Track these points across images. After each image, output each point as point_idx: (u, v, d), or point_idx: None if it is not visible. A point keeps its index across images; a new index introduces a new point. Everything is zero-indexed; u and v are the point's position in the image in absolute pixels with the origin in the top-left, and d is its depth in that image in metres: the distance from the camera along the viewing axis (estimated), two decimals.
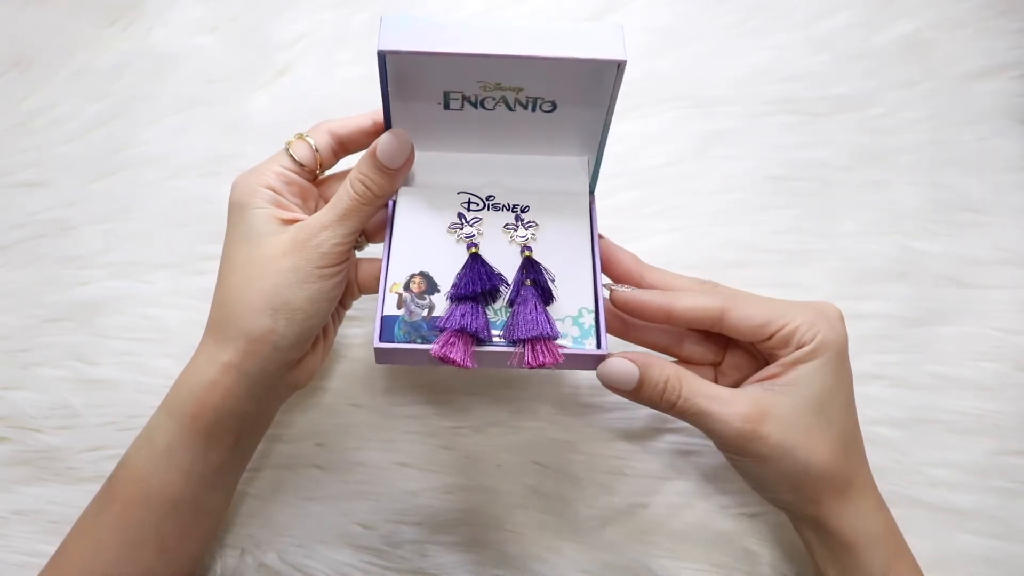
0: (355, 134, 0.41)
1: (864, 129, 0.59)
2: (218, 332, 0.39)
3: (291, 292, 0.37)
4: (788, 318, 0.38)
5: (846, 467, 0.38)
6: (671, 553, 0.48)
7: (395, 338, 0.37)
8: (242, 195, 0.39)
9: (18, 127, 0.61)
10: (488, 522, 0.49)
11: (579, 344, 0.38)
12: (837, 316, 0.39)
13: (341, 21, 0.63)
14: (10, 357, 0.54)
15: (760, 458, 0.37)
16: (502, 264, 0.39)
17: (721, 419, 0.37)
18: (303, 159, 0.40)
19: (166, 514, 0.39)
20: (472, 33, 0.34)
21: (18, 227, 0.57)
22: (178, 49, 0.62)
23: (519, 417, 0.51)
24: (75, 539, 0.40)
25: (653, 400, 0.38)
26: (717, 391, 0.38)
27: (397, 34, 0.34)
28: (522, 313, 0.37)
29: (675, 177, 0.58)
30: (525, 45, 0.34)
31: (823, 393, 0.37)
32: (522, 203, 0.41)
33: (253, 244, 0.38)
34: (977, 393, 0.52)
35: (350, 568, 0.48)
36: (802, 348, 0.37)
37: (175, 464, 0.39)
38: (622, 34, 0.35)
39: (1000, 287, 0.55)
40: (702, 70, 0.61)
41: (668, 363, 0.38)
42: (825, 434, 0.37)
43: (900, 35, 0.61)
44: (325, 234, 0.37)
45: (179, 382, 0.40)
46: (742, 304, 0.39)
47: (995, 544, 0.48)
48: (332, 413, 0.52)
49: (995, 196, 0.57)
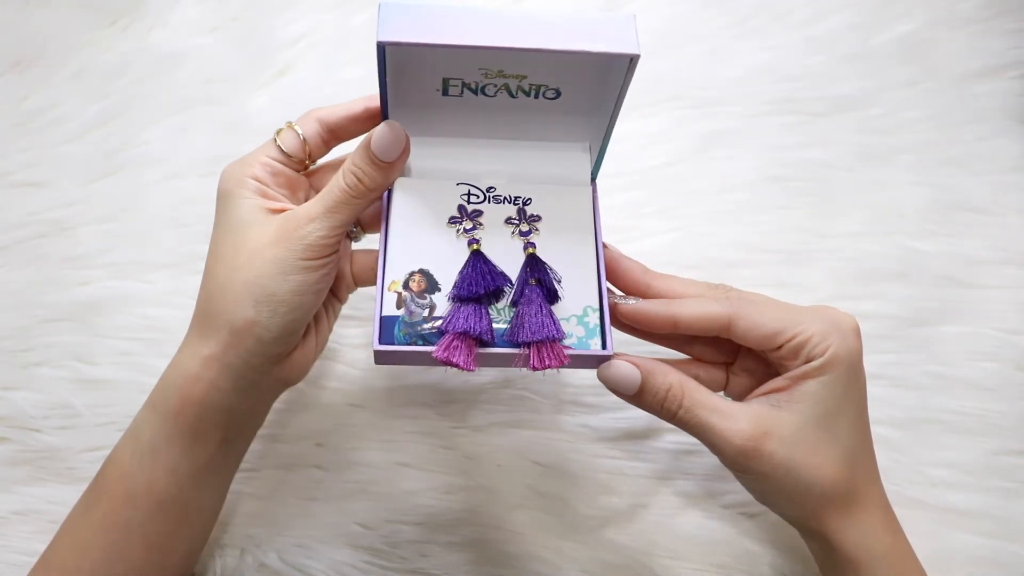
0: (345, 122, 0.40)
1: (864, 129, 0.59)
2: (202, 325, 0.38)
3: (274, 283, 0.36)
4: (799, 328, 0.36)
5: (851, 484, 0.37)
6: (671, 553, 0.48)
7: (395, 340, 0.36)
8: (228, 185, 0.38)
9: (18, 127, 0.61)
10: (488, 522, 0.49)
11: (584, 344, 0.37)
12: (852, 329, 0.37)
13: (341, 21, 0.63)
14: (10, 357, 0.54)
15: (761, 476, 0.36)
16: (504, 260, 0.38)
17: (722, 435, 0.35)
18: (290, 149, 0.39)
19: (153, 512, 0.39)
20: (476, 22, 0.33)
21: (18, 227, 0.57)
22: (178, 49, 0.62)
23: (519, 417, 0.51)
24: (62, 539, 0.40)
25: (653, 407, 0.37)
26: (720, 404, 0.36)
27: (397, 23, 0.32)
28: (527, 315, 0.36)
29: (675, 177, 0.58)
30: (533, 36, 0.32)
31: (831, 410, 0.36)
32: (524, 195, 0.39)
33: (238, 234, 0.37)
34: (977, 393, 0.52)
35: (350, 568, 0.48)
36: (811, 362, 0.36)
37: (161, 461, 0.38)
38: (635, 25, 0.33)
39: (1000, 287, 0.55)
40: (702, 70, 0.61)
41: (672, 370, 0.37)
42: (831, 451, 0.36)
43: (900, 35, 0.61)
44: (311, 226, 0.36)
45: (163, 377, 0.39)
46: (752, 312, 0.37)
47: (995, 544, 0.48)
48: (332, 413, 0.52)
49: (995, 196, 0.57)
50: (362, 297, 0.54)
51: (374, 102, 0.39)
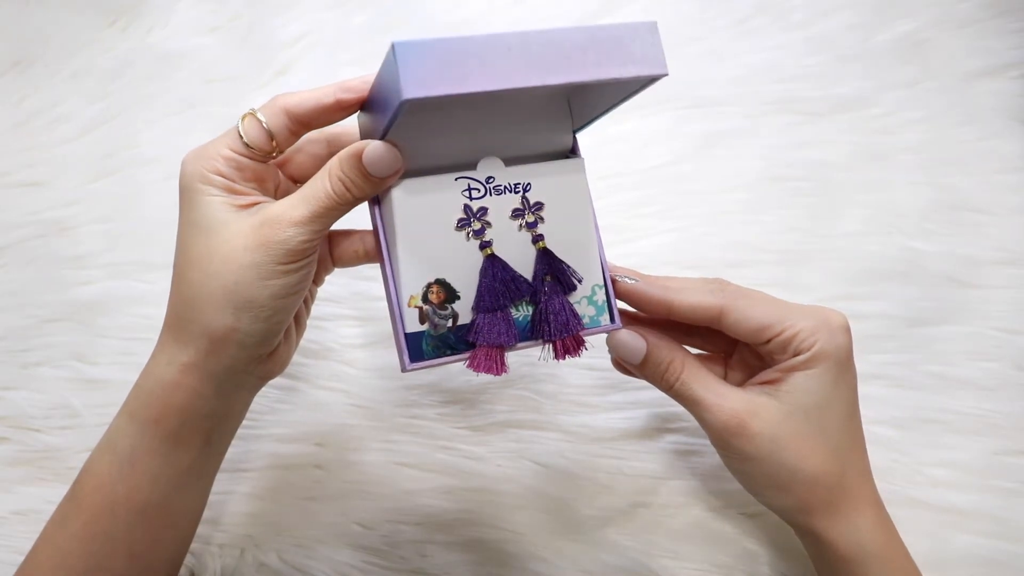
0: (315, 113, 0.36)
1: (864, 129, 0.59)
2: (178, 331, 0.36)
3: (254, 289, 0.34)
4: (788, 323, 0.37)
5: (839, 479, 0.37)
6: (671, 553, 0.48)
7: (424, 355, 0.36)
8: (190, 180, 0.36)
9: (18, 127, 0.61)
10: (488, 522, 0.49)
11: (596, 322, 0.38)
12: (840, 326, 0.38)
13: (341, 21, 0.63)
14: (10, 357, 0.54)
15: (746, 456, 0.37)
16: (517, 256, 0.37)
17: (710, 408, 0.37)
18: (254, 142, 0.36)
19: (135, 521, 0.37)
20: (500, 55, 0.31)
21: (18, 227, 0.57)
22: (178, 49, 0.62)
23: (519, 417, 0.51)
24: (42, 549, 0.38)
25: (655, 378, 0.39)
26: (715, 383, 0.38)
27: (419, 71, 0.30)
28: (551, 312, 0.37)
29: (675, 177, 0.58)
30: (562, 65, 0.31)
31: (818, 403, 0.37)
32: (523, 180, 0.38)
33: (211, 235, 0.35)
34: (977, 393, 0.52)
35: (350, 568, 0.48)
36: (799, 356, 0.37)
37: (140, 470, 0.37)
38: (659, 37, 0.32)
39: (1000, 287, 0.55)
40: (702, 70, 0.61)
41: (678, 347, 0.39)
42: (817, 442, 0.37)
43: (900, 35, 0.61)
44: (293, 230, 0.34)
45: (139, 384, 0.37)
46: (743, 305, 0.38)
47: (995, 544, 0.48)
48: (332, 413, 0.52)
49: (995, 196, 0.57)
50: (363, 297, 0.54)
51: (347, 93, 0.36)
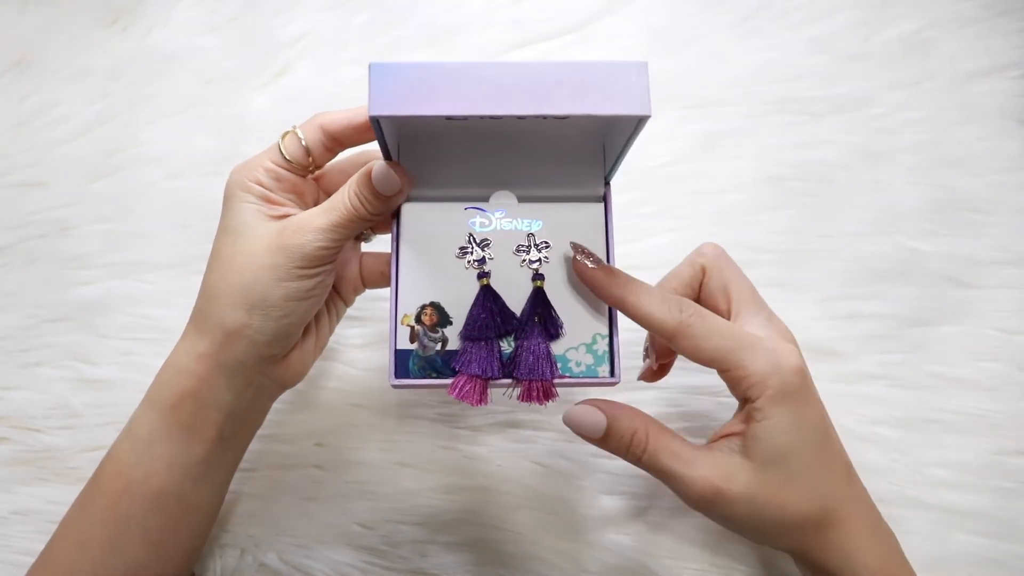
0: (348, 131, 0.39)
1: (864, 129, 0.59)
2: (199, 322, 0.39)
3: (267, 289, 0.36)
4: (739, 365, 0.35)
5: (825, 513, 0.37)
6: (671, 553, 0.48)
7: (410, 373, 0.37)
8: (232, 188, 0.39)
9: (18, 127, 0.61)
10: (488, 522, 0.49)
11: (592, 371, 0.37)
12: (791, 368, 0.36)
13: (341, 21, 0.63)
14: (10, 357, 0.54)
15: (727, 518, 0.36)
16: (514, 291, 0.38)
17: (683, 481, 0.36)
18: (293, 156, 0.39)
19: (151, 506, 0.39)
20: (472, 83, 0.31)
21: (18, 227, 0.57)
22: (178, 49, 0.62)
23: (519, 417, 0.51)
24: (61, 536, 0.40)
25: (619, 451, 0.37)
26: (682, 449, 0.36)
27: (389, 92, 0.31)
28: (525, 352, 0.37)
29: (675, 177, 0.58)
30: (534, 98, 0.31)
31: (785, 450, 0.36)
32: (534, 218, 0.39)
33: (239, 237, 0.38)
34: (977, 393, 0.52)
35: (350, 568, 0.48)
36: (753, 403, 0.36)
37: (157, 455, 0.39)
38: (647, 77, 0.31)
39: (1000, 287, 0.55)
40: (702, 70, 0.61)
41: (638, 414, 0.37)
42: (794, 488, 0.36)
43: (900, 35, 0.61)
44: (311, 236, 0.36)
45: (160, 373, 0.40)
46: (697, 333, 0.36)
47: (995, 544, 0.48)
48: (332, 413, 0.52)
49: (995, 196, 0.57)
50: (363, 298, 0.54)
51: None
